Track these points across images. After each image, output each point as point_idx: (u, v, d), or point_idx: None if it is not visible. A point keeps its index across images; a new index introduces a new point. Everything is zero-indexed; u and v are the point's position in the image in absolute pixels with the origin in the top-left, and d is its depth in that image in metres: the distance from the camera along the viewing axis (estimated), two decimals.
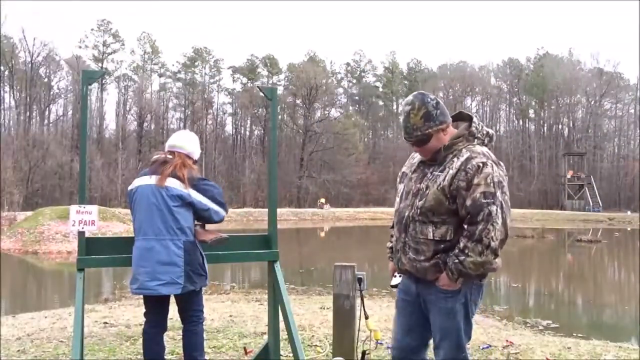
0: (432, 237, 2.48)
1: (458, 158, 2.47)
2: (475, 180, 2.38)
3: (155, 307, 3.27)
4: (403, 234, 2.58)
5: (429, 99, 2.50)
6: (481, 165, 2.39)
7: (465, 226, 2.41)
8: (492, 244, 2.35)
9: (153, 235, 3.07)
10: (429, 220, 2.49)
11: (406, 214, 2.57)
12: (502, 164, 2.50)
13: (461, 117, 2.66)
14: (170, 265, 3.04)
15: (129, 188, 3.27)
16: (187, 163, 3.23)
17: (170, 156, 3.23)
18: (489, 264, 2.43)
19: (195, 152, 3.38)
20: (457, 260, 2.39)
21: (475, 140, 2.53)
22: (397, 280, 2.78)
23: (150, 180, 3.14)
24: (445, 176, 2.46)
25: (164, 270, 3.03)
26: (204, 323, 3.39)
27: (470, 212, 2.38)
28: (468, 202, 2.38)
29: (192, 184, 3.15)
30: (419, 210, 2.51)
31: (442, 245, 2.47)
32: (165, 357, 3.44)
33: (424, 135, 2.50)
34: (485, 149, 2.51)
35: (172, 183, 3.11)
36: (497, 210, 2.34)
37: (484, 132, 2.57)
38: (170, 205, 3.08)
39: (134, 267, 3.14)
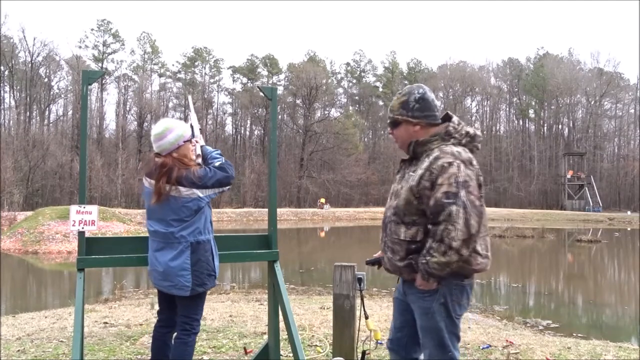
0: (403, 238, 2.49)
1: (428, 158, 2.47)
2: (439, 180, 2.36)
3: (167, 302, 3.25)
4: (383, 234, 2.63)
5: (416, 92, 2.54)
6: (446, 165, 2.37)
7: (430, 226, 2.41)
8: (454, 244, 2.30)
9: (162, 238, 3.03)
10: (402, 220, 2.51)
11: (387, 214, 2.62)
12: (474, 164, 2.45)
13: (448, 118, 2.64)
14: (177, 269, 2.99)
15: (143, 180, 3.16)
16: (181, 164, 3.00)
17: (168, 161, 3.01)
18: (456, 264, 2.36)
19: (181, 137, 3.09)
20: (423, 261, 2.38)
21: (452, 139, 2.50)
22: (371, 259, 2.91)
23: (151, 186, 3.05)
24: (415, 176, 2.47)
25: (174, 273, 2.99)
26: (201, 327, 3.30)
27: (432, 212, 2.38)
28: (431, 202, 2.38)
29: (192, 184, 2.99)
30: (393, 211, 2.55)
31: (413, 246, 2.48)
32: None
33: (394, 119, 2.58)
34: (457, 149, 2.46)
35: (176, 192, 2.98)
36: (457, 210, 2.30)
37: (463, 132, 2.53)
38: (177, 212, 3.00)
39: (149, 259, 3.12)
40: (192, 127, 3.38)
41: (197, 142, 3.26)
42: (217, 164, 3.13)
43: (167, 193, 2.96)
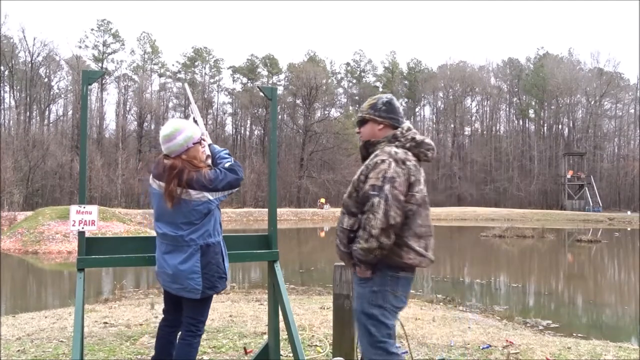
0: (345, 226, 2.72)
1: (371, 156, 2.75)
2: (370, 175, 2.62)
3: (173, 302, 3.21)
4: (337, 222, 2.85)
5: (384, 98, 2.85)
6: (379, 162, 2.62)
7: (360, 216, 2.66)
8: (373, 232, 2.51)
9: (171, 241, 2.97)
10: (347, 211, 2.75)
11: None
12: (408, 164, 2.63)
13: None
14: (188, 272, 2.95)
15: (150, 182, 3.07)
16: (191, 166, 2.94)
17: (178, 163, 2.94)
18: (378, 252, 2.54)
19: (191, 139, 3.01)
20: (355, 248, 2.62)
21: (397, 142, 2.72)
22: None
23: (160, 189, 2.96)
24: (358, 171, 2.76)
25: (184, 276, 2.95)
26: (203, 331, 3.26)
27: (361, 203, 2.64)
28: (360, 193, 2.66)
29: (203, 187, 2.92)
30: (343, 202, 2.81)
31: (352, 235, 2.69)
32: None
33: (361, 117, 2.87)
34: (396, 150, 2.68)
35: (186, 195, 2.91)
36: (379, 201, 2.53)
37: (409, 137, 2.74)
38: (187, 214, 2.94)
39: (158, 261, 3.06)
40: (195, 121, 3.33)
41: (204, 140, 3.20)
42: (226, 165, 3.08)
43: (179, 196, 2.90)
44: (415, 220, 2.61)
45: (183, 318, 3.15)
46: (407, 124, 2.82)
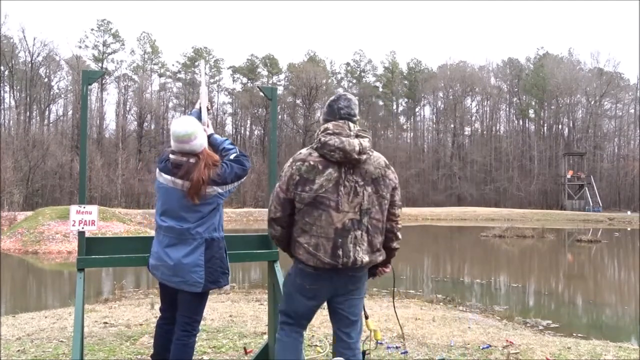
0: None
1: None
2: None
3: (171, 300, 3.19)
4: None
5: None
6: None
7: None
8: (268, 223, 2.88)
9: (177, 234, 2.96)
10: None
11: None
12: (299, 164, 2.73)
13: None
14: (191, 265, 2.95)
15: (157, 176, 3.07)
16: (209, 161, 2.98)
17: (192, 160, 2.97)
18: (275, 240, 2.90)
19: (205, 137, 3.12)
20: None
21: (313, 143, 2.85)
22: None
23: (180, 186, 2.96)
24: None
25: (186, 269, 2.94)
26: (201, 327, 3.24)
27: None
28: None
29: (213, 181, 2.97)
30: None
31: None
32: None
33: None
34: (302, 151, 2.84)
35: (203, 190, 2.95)
36: (270, 196, 2.85)
37: (319, 139, 2.81)
38: (195, 208, 2.96)
39: (156, 254, 3.03)
40: (199, 110, 3.31)
41: (206, 131, 3.16)
42: (232, 156, 3.10)
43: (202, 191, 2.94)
44: (302, 218, 2.72)
45: (178, 317, 3.12)
46: (327, 125, 2.79)
